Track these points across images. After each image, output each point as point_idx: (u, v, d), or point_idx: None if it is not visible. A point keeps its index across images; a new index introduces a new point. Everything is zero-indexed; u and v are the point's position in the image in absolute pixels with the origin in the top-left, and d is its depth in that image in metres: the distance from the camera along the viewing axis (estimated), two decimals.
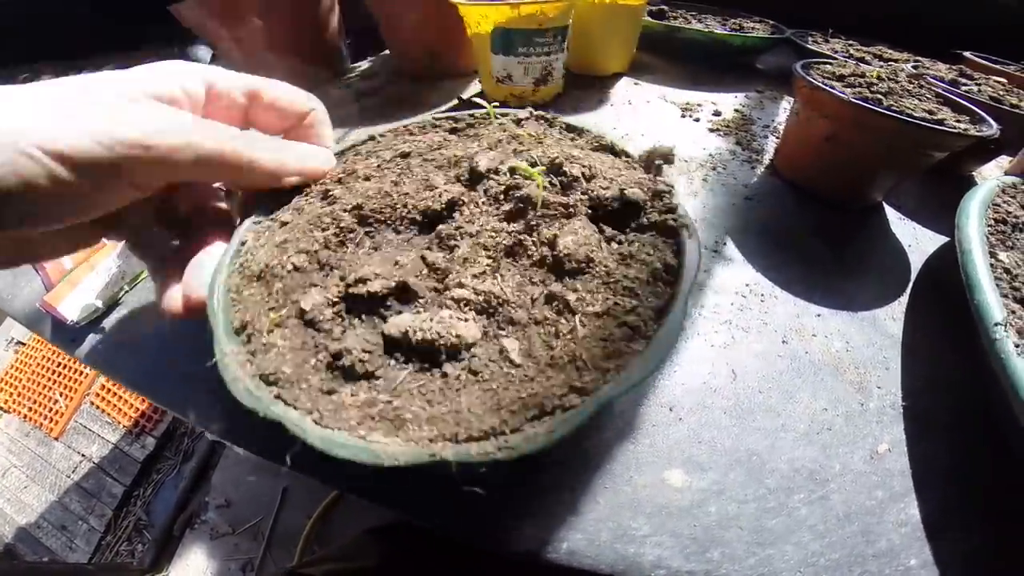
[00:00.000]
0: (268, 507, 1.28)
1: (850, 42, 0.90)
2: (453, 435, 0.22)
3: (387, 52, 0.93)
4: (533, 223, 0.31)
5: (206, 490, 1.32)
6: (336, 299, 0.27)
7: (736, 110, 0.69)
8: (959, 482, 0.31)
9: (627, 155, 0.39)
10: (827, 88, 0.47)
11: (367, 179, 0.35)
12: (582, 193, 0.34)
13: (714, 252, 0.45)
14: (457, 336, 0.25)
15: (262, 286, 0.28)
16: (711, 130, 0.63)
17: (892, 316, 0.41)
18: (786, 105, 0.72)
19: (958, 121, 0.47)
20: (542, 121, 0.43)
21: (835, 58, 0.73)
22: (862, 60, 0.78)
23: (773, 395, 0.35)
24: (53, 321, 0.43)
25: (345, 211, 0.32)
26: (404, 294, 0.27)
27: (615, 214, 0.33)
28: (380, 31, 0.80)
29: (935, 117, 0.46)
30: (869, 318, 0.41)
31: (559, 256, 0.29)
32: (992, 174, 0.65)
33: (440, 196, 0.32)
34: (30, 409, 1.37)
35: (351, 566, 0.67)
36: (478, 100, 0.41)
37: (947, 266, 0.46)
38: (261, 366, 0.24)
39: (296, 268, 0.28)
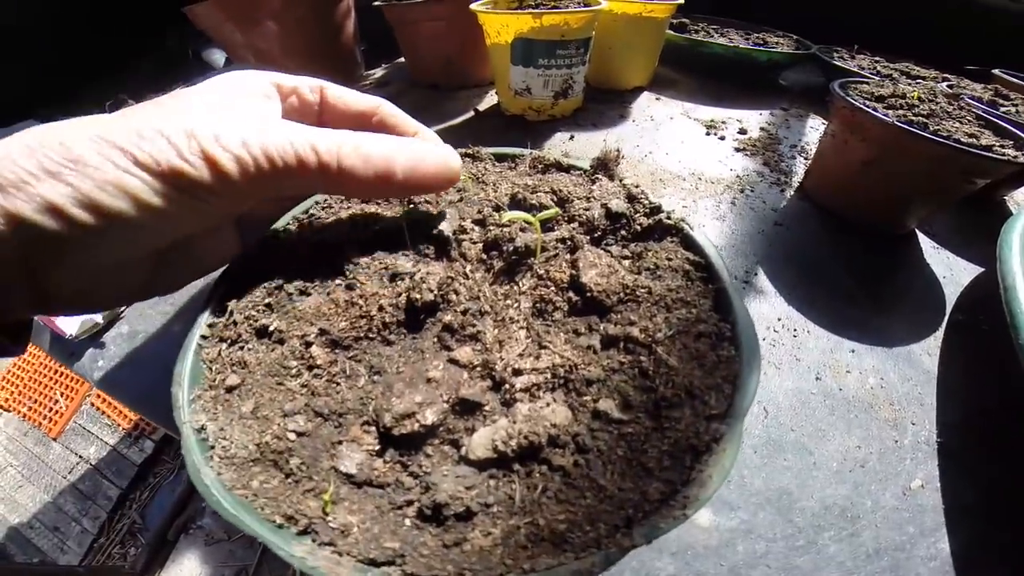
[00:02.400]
0: None
1: (876, 58, 0.88)
2: (625, 516, 0.20)
3: (402, 59, 0.93)
4: (540, 272, 0.29)
5: None
6: (377, 447, 0.23)
7: (762, 128, 0.67)
8: (991, 518, 0.31)
9: (576, 168, 0.37)
10: (870, 110, 0.45)
11: (304, 293, 0.30)
12: (568, 221, 0.32)
13: (744, 283, 0.43)
14: (553, 425, 0.22)
15: (270, 469, 0.23)
16: (737, 149, 0.61)
17: (927, 351, 0.40)
18: (813, 124, 0.70)
19: (1002, 146, 0.46)
20: (466, 159, 0.40)
21: (863, 75, 0.72)
22: (889, 77, 0.77)
23: (805, 433, 0.34)
24: (52, 334, 0.42)
25: (308, 344, 0.27)
26: (464, 411, 0.24)
27: (605, 231, 0.31)
28: (396, 38, 0.79)
29: (980, 143, 0.44)
30: (904, 353, 0.39)
31: (593, 296, 0.27)
32: None
33: (422, 282, 0.28)
34: (30, 408, 1.37)
35: None
36: None
37: (984, 298, 0.45)
38: (356, 553, 0.20)
39: (301, 434, 0.24)
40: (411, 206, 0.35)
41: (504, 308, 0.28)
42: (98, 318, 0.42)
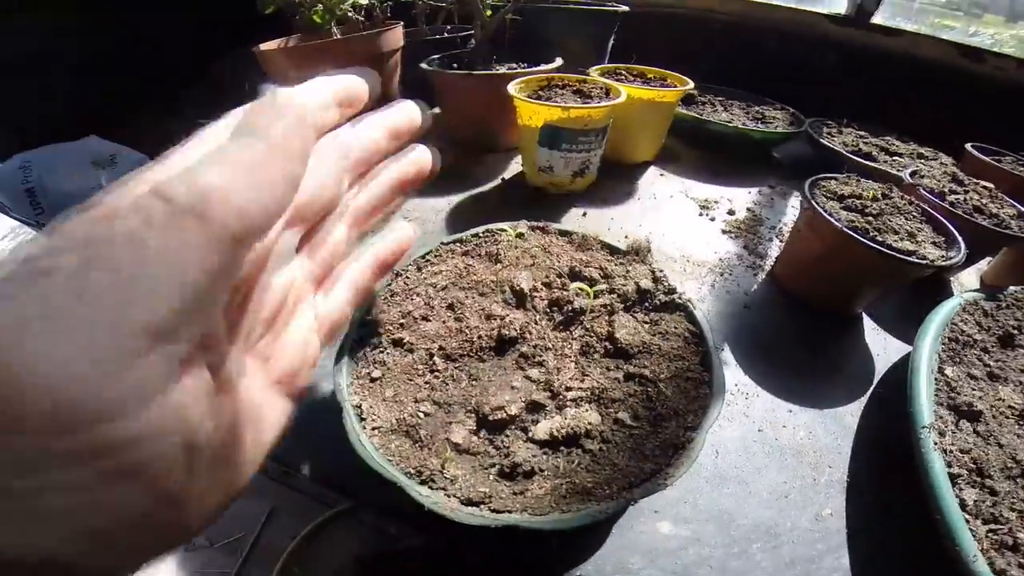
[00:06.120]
0: (252, 525, 1.36)
1: (861, 133, 1.05)
2: (629, 482, 0.35)
3: (434, 110, 1.10)
4: (587, 326, 0.47)
5: None
6: (475, 428, 0.39)
7: (748, 209, 0.84)
8: (883, 541, 0.45)
9: (614, 249, 0.55)
10: (824, 214, 0.61)
11: (426, 319, 0.45)
12: (609, 292, 0.49)
13: None
14: (589, 423, 0.39)
15: (404, 437, 0.37)
16: (723, 231, 0.78)
17: (852, 413, 0.56)
18: (794, 203, 0.87)
19: (934, 243, 0.61)
20: (537, 231, 0.57)
21: (843, 153, 0.89)
22: (868, 155, 0.94)
23: (745, 470, 0.49)
24: None
25: (431, 355, 0.43)
26: (532, 409, 0.40)
27: (635, 302, 0.49)
28: (434, 97, 0.96)
29: (910, 247, 0.59)
30: (832, 414, 0.55)
31: (622, 346, 0.44)
32: (969, 280, 0.80)
33: (510, 323, 0.45)
34: None
35: None
36: (497, 226, 0.54)
37: (903, 374, 0.61)
38: (460, 495, 0.34)
39: (426, 415, 0.39)
40: (498, 264, 0.52)
41: (561, 347, 0.45)
42: None
